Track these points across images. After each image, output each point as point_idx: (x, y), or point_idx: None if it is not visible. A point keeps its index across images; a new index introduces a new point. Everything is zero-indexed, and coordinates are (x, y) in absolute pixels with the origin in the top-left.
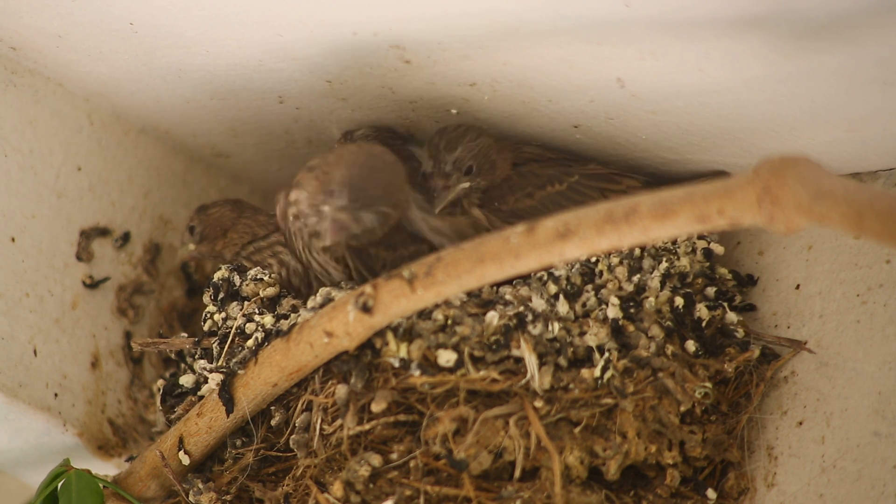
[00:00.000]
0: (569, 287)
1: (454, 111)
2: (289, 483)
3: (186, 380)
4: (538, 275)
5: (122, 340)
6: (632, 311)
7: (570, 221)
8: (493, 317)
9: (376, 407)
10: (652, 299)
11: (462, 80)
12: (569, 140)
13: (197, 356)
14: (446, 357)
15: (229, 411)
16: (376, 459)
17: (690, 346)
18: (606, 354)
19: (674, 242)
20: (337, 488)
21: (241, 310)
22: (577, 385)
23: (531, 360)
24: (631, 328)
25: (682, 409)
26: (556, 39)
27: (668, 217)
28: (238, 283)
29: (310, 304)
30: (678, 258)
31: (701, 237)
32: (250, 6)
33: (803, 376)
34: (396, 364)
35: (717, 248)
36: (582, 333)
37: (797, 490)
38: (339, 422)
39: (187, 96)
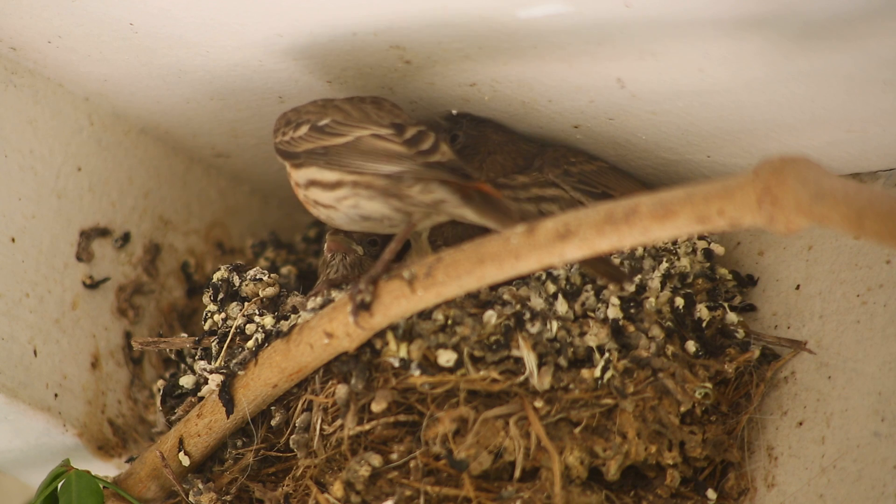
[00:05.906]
0: (568, 287)
1: (454, 111)
2: (289, 483)
3: (186, 381)
4: (537, 274)
5: (122, 341)
6: (632, 311)
7: (570, 222)
8: (490, 316)
9: (376, 407)
10: (652, 300)
11: (462, 80)
12: (569, 140)
13: (197, 356)
14: (446, 357)
15: (229, 412)
16: (376, 459)
17: (691, 346)
18: (606, 355)
19: (674, 243)
20: (337, 488)
21: (241, 310)
22: (578, 385)
23: (529, 358)
24: (631, 328)
25: (683, 409)
26: (556, 39)
27: (668, 218)
28: (237, 284)
29: (310, 304)
30: (678, 258)
31: (701, 238)
32: (250, 7)
33: (803, 377)
34: (396, 364)
35: (718, 249)
36: (582, 334)
37: (797, 490)
38: (339, 422)
39: (187, 96)
